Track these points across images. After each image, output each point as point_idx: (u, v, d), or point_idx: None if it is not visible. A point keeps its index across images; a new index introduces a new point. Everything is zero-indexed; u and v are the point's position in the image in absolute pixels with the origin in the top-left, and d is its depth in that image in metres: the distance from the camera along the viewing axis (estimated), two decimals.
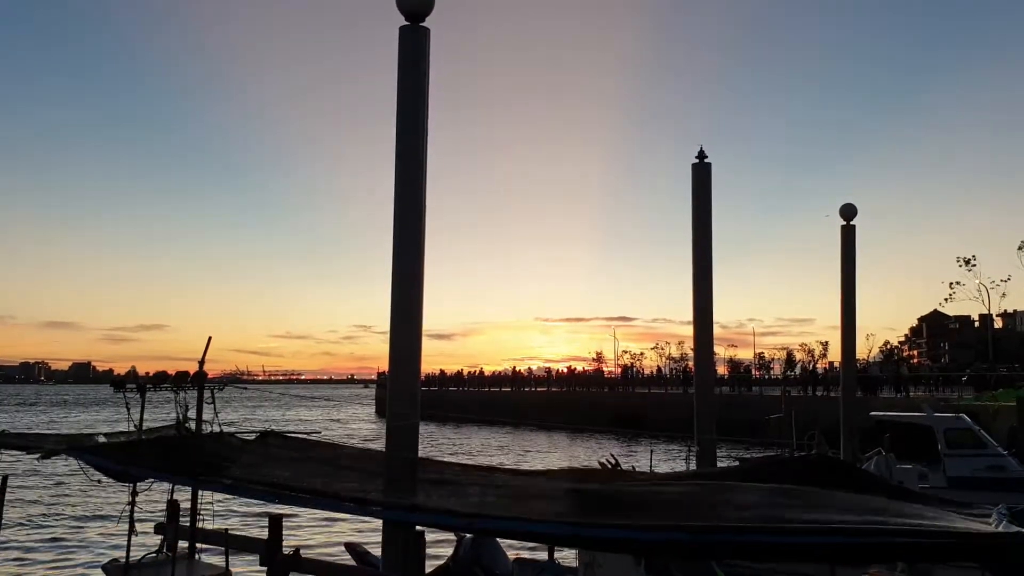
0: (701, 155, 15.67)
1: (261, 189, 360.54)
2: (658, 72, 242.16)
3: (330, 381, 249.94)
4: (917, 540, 4.44)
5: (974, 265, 67.03)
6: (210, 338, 7.85)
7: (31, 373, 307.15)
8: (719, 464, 15.97)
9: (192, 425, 7.56)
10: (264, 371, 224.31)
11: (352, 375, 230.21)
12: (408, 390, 9.38)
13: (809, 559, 6.46)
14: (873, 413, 24.06)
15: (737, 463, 18.67)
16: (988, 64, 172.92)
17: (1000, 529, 4.91)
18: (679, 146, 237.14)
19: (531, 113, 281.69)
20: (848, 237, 19.38)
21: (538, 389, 73.85)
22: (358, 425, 66.32)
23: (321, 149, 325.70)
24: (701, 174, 15.77)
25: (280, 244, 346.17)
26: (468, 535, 9.31)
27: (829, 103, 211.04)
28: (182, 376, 7.65)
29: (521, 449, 44.53)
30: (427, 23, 9.58)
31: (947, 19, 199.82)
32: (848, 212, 19.32)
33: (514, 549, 10.95)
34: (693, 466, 15.62)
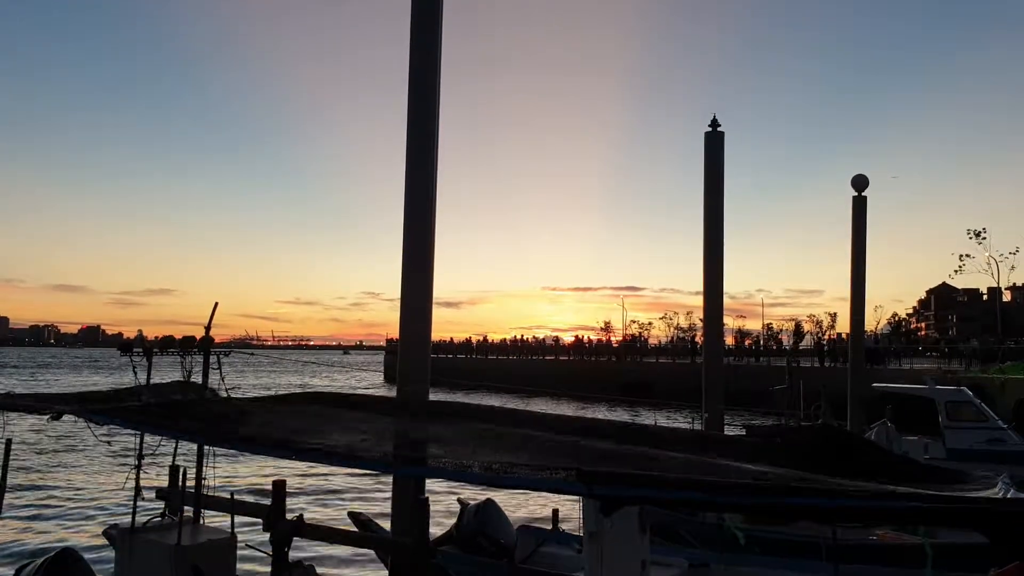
0: (714, 123, 15.52)
1: (271, 155, 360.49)
2: (670, 40, 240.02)
3: (339, 347, 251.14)
4: (922, 504, 4.42)
5: (984, 238, 66.51)
6: (216, 303, 7.82)
7: (41, 336, 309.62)
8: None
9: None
10: (273, 337, 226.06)
11: (361, 341, 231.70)
12: (418, 358, 9.38)
13: (815, 520, 6.45)
14: (876, 384, 24.10)
15: (744, 431, 18.73)
16: (1001, 37, 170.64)
17: (1008, 496, 4.87)
18: (689, 116, 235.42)
19: (541, 82, 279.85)
20: (859, 208, 19.26)
21: (546, 358, 73.97)
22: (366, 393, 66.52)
23: (332, 115, 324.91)
24: (714, 142, 15.63)
25: (290, 210, 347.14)
26: (472, 504, 9.33)
27: (842, 75, 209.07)
28: (188, 341, 7.63)
29: None
30: None
31: None
32: (860, 183, 19.17)
33: (520, 518, 10.98)
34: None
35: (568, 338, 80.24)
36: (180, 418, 6.42)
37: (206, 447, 7.68)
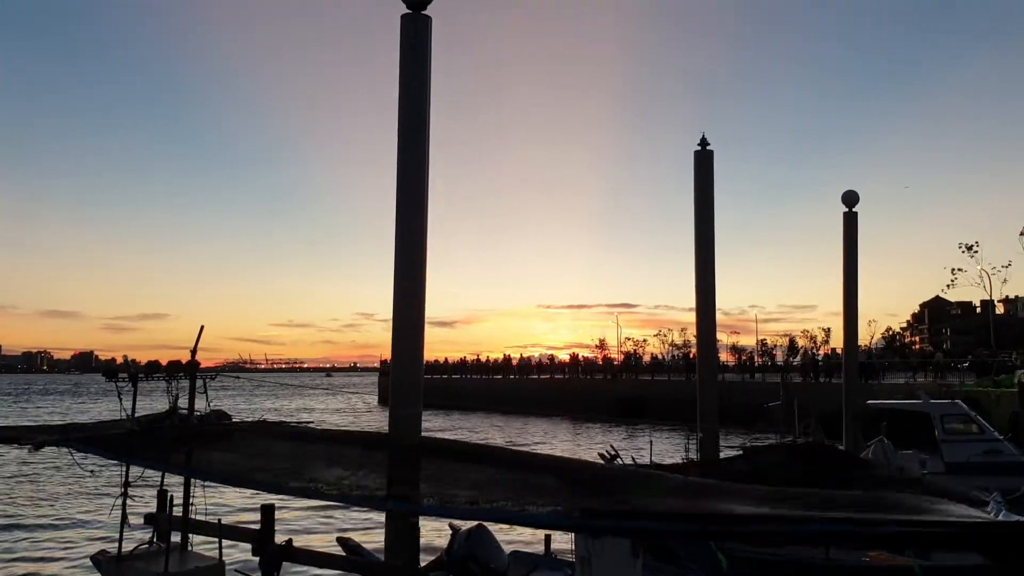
0: (703, 142, 15.54)
1: (262, 178, 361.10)
2: (660, 59, 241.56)
3: (332, 369, 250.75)
4: (915, 529, 4.42)
5: (976, 251, 66.89)
6: (202, 327, 7.76)
7: (33, 363, 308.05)
8: (721, 452, 15.91)
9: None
10: (267, 359, 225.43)
11: (355, 363, 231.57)
12: (411, 379, 9.30)
13: (810, 545, 6.41)
14: (871, 402, 24.05)
15: (740, 452, 18.69)
16: (989, 51, 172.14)
17: (1000, 518, 4.86)
18: (681, 133, 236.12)
19: (532, 100, 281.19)
20: (850, 224, 19.27)
21: (541, 376, 73.77)
22: (361, 417, 66.25)
23: (323, 138, 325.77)
24: (703, 161, 15.64)
25: (282, 232, 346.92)
26: (463, 528, 9.23)
27: (831, 90, 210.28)
28: (175, 365, 7.57)
29: (524, 438, 44.50)
30: (428, 11, 9.49)
31: (949, 6, 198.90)
32: (850, 198, 19.22)
33: (511, 543, 10.87)
34: (695, 453, 15.59)
35: (563, 356, 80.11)
36: (164, 447, 6.36)
37: None
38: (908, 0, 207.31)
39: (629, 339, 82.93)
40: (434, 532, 12.49)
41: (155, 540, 7.73)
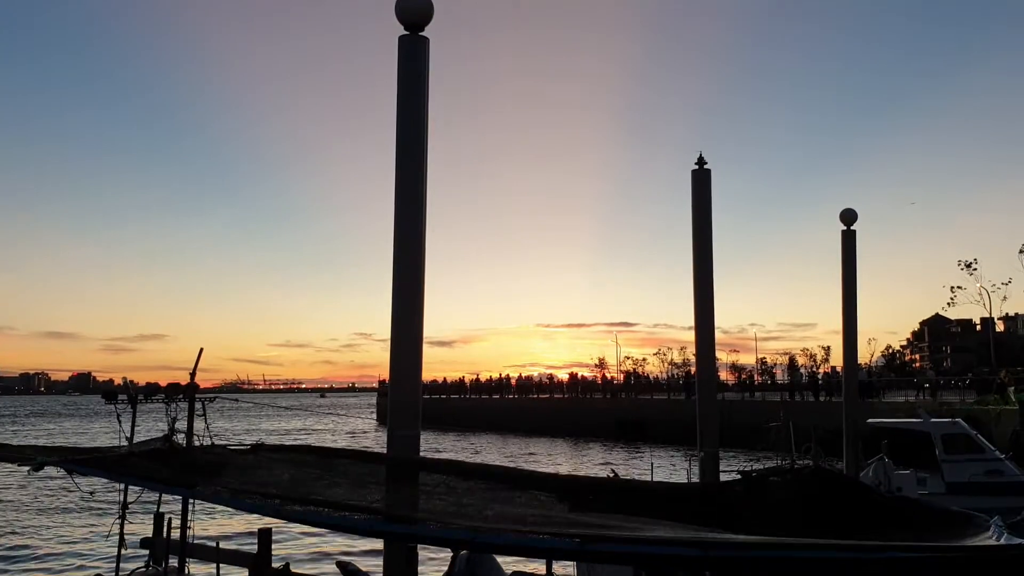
0: (700, 161, 15.57)
1: (260, 198, 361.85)
2: (657, 78, 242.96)
3: (331, 389, 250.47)
4: (916, 555, 4.41)
5: (975, 269, 66.77)
6: (201, 349, 7.77)
7: (31, 384, 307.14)
8: (721, 473, 15.84)
9: (182, 437, 7.44)
10: (264, 380, 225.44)
11: (353, 383, 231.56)
12: (409, 400, 9.27)
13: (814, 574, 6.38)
14: (870, 420, 23.95)
15: (739, 475, 18.57)
16: (986, 68, 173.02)
17: (1002, 542, 4.85)
18: (679, 152, 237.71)
19: (530, 120, 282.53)
20: (848, 242, 19.27)
21: (540, 396, 73.56)
22: (360, 439, 66.00)
23: (321, 158, 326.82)
24: (701, 180, 15.66)
25: (280, 253, 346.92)
26: (463, 551, 9.18)
27: (829, 108, 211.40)
28: (173, 387, 7.56)
29: (523, 460, 44.36)
30: (426, 33, 9.53)
31: (945, 24, 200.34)
32: (848, 217, 19.24)
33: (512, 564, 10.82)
34: (696, 475, 15.52)
35: (562, 375, 79.85)
36: (163, 469, 6.33)
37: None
38: (904, 18, 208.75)
39: (628, 358, 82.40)
40: (434, 552, 12.44)
41: (151, 564, 7.68)
